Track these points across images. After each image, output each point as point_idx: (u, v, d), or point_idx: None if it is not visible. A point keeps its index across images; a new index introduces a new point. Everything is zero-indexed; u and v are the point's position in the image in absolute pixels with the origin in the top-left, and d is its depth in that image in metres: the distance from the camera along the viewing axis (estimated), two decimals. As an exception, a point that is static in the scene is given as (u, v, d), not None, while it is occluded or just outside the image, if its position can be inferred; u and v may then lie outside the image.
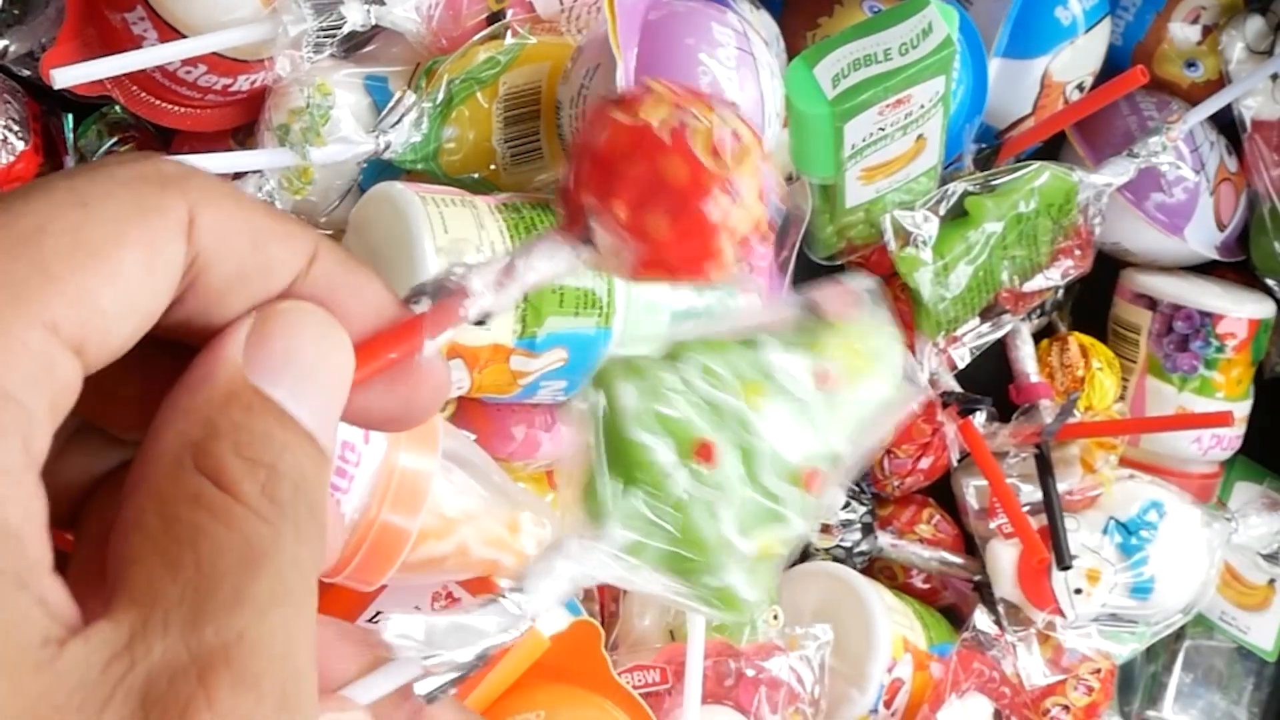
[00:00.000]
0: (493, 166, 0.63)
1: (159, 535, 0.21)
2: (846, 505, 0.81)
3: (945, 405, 0.79)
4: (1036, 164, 0.76)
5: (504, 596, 0.27)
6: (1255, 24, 0.82)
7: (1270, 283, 0.87)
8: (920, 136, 0.70)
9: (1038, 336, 0.85)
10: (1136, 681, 0.92)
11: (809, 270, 0.78)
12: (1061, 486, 0.78)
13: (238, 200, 0.23)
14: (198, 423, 0.22)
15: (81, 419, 0.25)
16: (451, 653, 0.26)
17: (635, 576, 0.27)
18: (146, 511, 0.21)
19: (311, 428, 0.23)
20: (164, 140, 0.70)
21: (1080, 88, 0.82)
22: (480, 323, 0.26)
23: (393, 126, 0.60)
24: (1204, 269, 0.89)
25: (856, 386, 0.29)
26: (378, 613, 0.58)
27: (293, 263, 0.24)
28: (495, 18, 0.64)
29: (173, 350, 0.24)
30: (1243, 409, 0.87)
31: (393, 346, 0.25)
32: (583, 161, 0.27)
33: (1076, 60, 0.81)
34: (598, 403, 0.28)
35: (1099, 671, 0.81)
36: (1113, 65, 0.83)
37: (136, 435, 0.23)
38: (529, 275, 0.27)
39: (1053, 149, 0.86)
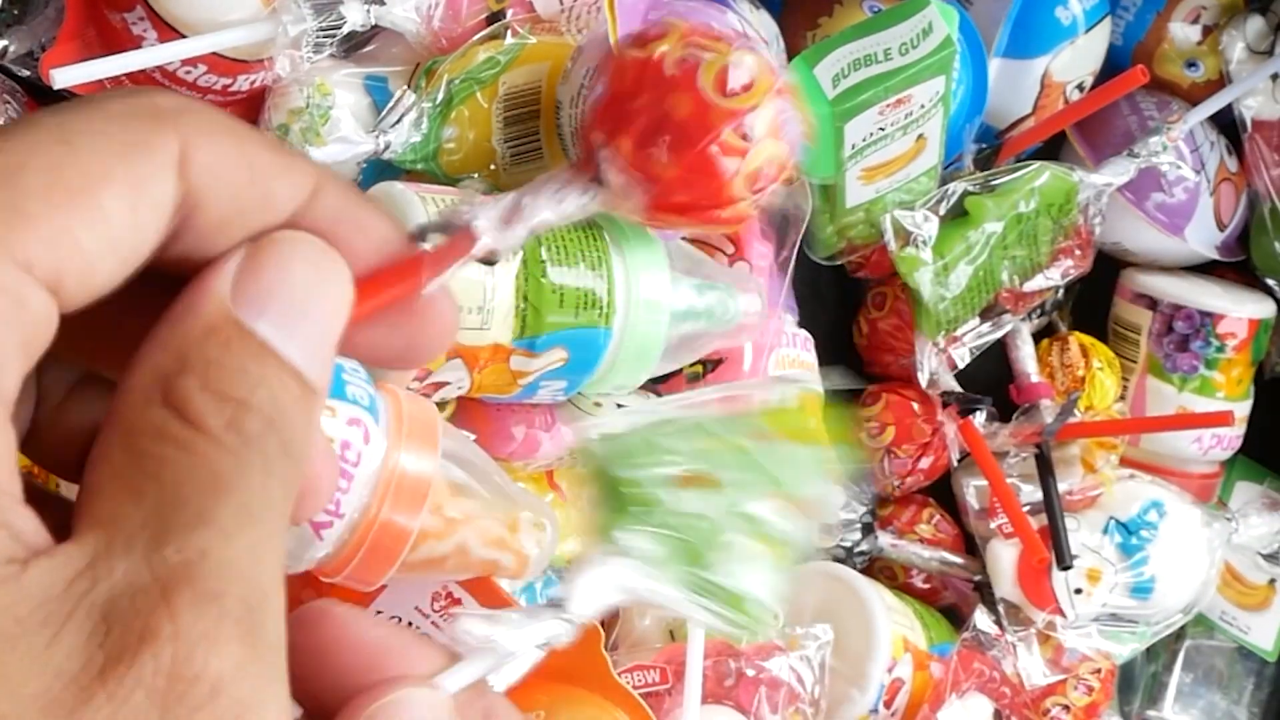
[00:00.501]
0: (493, 166, 0.63)
1: (123, 466, 0.21)
2: (846, 505, 0.81)
3: (945, 405, 0.79)
4: (1037, 164, 0.76)
5: (554, 602, 0.27)
6: (1255, 24, 0.82)
7: (1270, 283, 0.87)
8: (920, 136, 0.70)
9: (1038, 336, 0.85)
10: (1137, 681, 0.92)
11: (809, 270, 0.78)
12: (1062, 486, 0.78)
13: (235, 133, 0.23)
14: (171, 356, 0.22)
15: (84, 367, 0.25)
16: (519, 647, 0.26)
17: (662, 596, 0.27)
18: (113, 444, 0.21)
19: (297, 362, 0.22)
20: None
21: (1080, 88, 0.82)
22: (488, 262, 0.25)
23: (392, 126, 0.60)
24: (1204, 269, 0.89)
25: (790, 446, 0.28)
26: (377, 612, 0.58)
27: (294, 195, 0.24)
28: (495, 18, 0.64)
29: (172, 286, 0.23)
30: (1243, 409, 0.87)
31: (394, 282, 0.25)
32: (595, 99, 0.26)
33: (1077, 60, 0.81)
34: (591, 457, 0.27)
35: (1099, 671, 0.81)
36: (1113, 65, 0.83)
37: None
38: (537, 214, 0.25)
39: (1053, 149, 0.86)
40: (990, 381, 0.82)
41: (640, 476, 0.26)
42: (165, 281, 0.23)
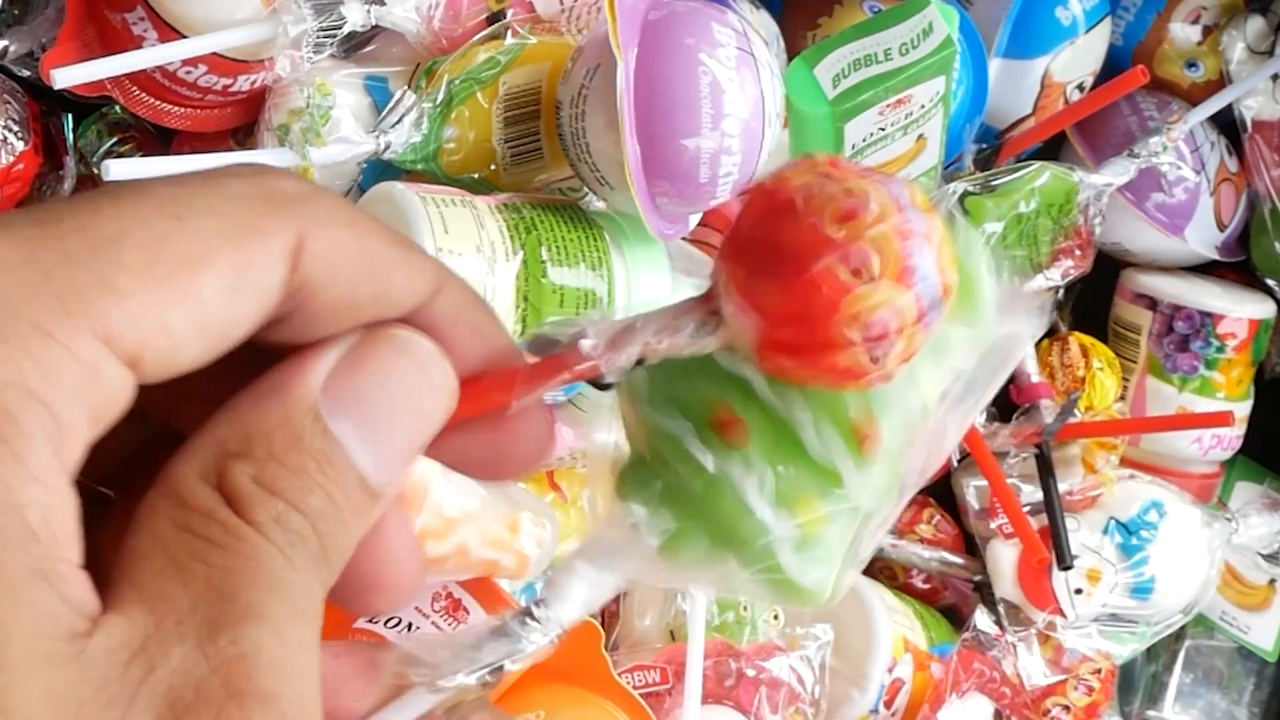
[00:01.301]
0: (493, 166, 0.63)
1: (169, 539, 0.21)
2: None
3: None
4: (1037, 164, 0.76)
5: (525, 611, 0.25)
6: (1256, 24, 0.82)
7: (1270, 283, 0.87)
8: (921, 137, 0.70)
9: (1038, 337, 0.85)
10: (1137, 681, 0.92)
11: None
12: (1062, 486, 0.78)
13: (356, 225, 0.22)
14: (238, 435, 0.21)
15: (167, 425, 0.24)
16: (464, 675, 0.24)
17: (675, 574, 0.25)
18: (161, 513, 0.21)
19: (367, 470, 0.22)
20: (164, 140, 0.70)
21: (1080, 88, 0.82)
22: (599, 386, 0.25)
23: (393, 126, 0.60)
24: (1204, 269, 0.89)
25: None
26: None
27: (413, 292, 0.23)
28: (495, 18, 0.64)
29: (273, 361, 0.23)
30: (1243, 409, 0.87)
31: (488, 394, 0.24)
32: (730, 230, 0.24)
33: (1077, 60, 0.81)
34: (619, 388, 0.25)
35: (1099, 671, 0.81)
36: (1113, 65, 0.83)
37: None
38: (649, 340, 0.24)
39: (1053, 149, 0.86)
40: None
41: (673, 429, 0.25)
42: (268, 357, 0.23)
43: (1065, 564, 0.76)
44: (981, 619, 0.80)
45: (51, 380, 0.19)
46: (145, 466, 0.24)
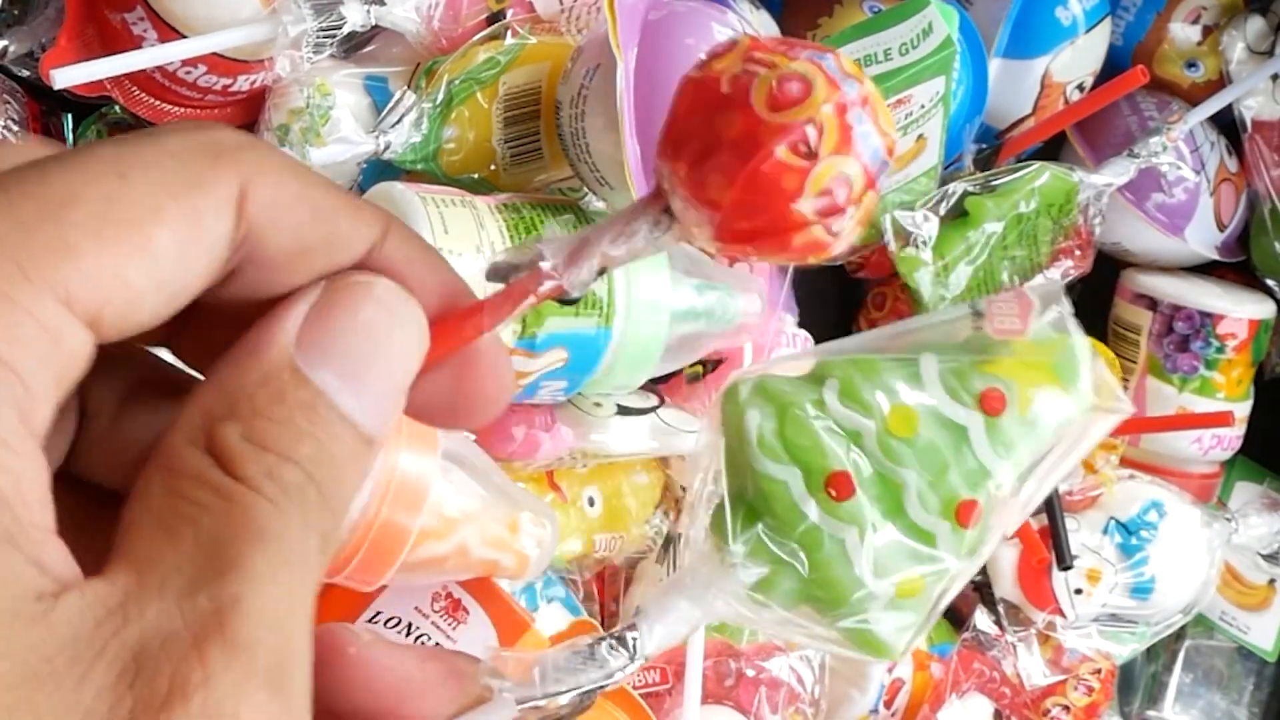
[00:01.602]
0: (493, 166, 0.63)
1: (161, 506, 0.21)
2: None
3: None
4: (1037, 164, 0.76)
5: (617, 636, 0.25)
6: (1256, 24, 0.82)
7: (1270, 283, 0.87)
8: (921, 136, 0.70)
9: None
10: (1137, 681, 0.92)
11: (809, 270, 0.78)
12: (1062, 487, 0.78)
13: (297, 172, 0.23)
14: (222, 400, 0.21)
15: (137, 376, 0.25)
16: (554, 694, 0.24)
17: (763, 616, 0.25)
18: (153, 482, 0.21)
19: (354, 414, 0.22)
20: (164, 140, 0.70)
21: (1080, 88, 0.82)
22: (565, 301, 0.24)
23: (393, 127, 0.60)
24: (1204, 269, 0.89)
25: (1030, 407, 0.26)
26: (377, 613, 0.58)
27: (363, 236, 0.23)
28: (495, 18, 0.64)
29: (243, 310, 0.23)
30: (1243, 409, 0.87)
31: (458, 330, 0.24)
32: (664, 125, 0.24)
33: (1077, 60, 0.81)
34: (723, 424, 0.25)
35: (1099, 671, 0.81)
36: (1113, 65, 0.83)
37: None
38: (607, 250, 0.24)
39: (1053, 149, 0.86)
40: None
41: (778, 474, 0.25)
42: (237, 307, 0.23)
43: (1065, 564, 0.76)
44: (981, 619, 0.80)
45: (15, 346, 0.19)
46: None
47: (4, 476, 0.19)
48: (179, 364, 0.25)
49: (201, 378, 0.23)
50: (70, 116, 0.70)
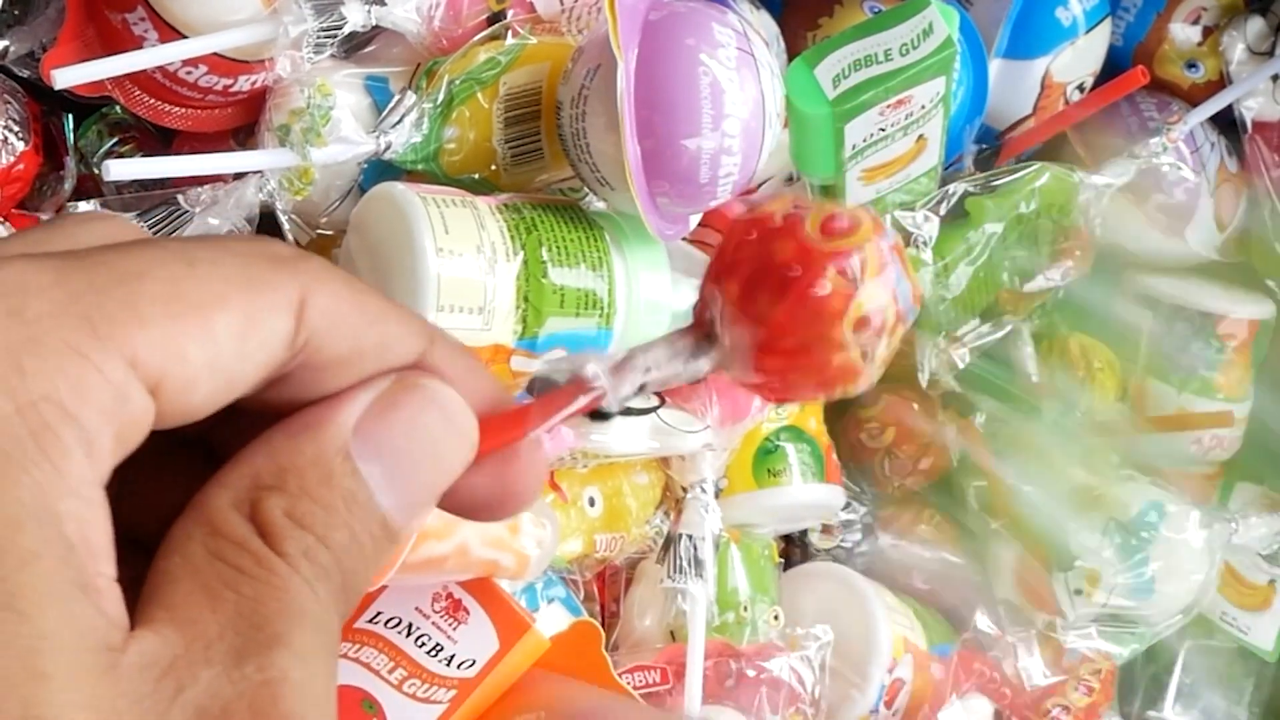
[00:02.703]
0: (493, 167, 0.63)
1: (202, 564, 0.21)
2: (847, 506, 0.81)
3: (945, 406, 0.79)
4: (1037, 165, 0.76)
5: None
6: (1256, 25, 0.82)
7: (1270, 283, 0.87)
8: (921, 137, 0.70)
9: (1038, 337, 0.85)
10: (1137, 682, 0.92)
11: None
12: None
13: (351, 283, 0.24)
14: (271, 468, 0.22)
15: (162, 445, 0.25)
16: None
17: None
18: (194, 536, 0.22)
19: (390, 512, 0.23)
20: (165, 141, 0.70)
21: (1081, 88, 0.82)
22: (603, 417, 0.26)
23: (393, 127, 0.60)
24: (1205, 269, 0.89)
25: None
26: (377, 613, 0.58)
27: (411, 342, 0.24)
28: (496, 18, 0.64)
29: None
30: (1243, 409, 0.87)
31: (500, 433, 0.25)
32: (713, 256, 0.27)
33: (1077, 61, 0.81)
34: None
35: (1099, 672, 0.81)
36: (1113, 66, 0.83)
37: None
38: (649, 370, 0.26)
39: (1053, 149, 0.86)
40: (990, 382, 0.82)
41: None
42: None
43: (1065, 564, 0.76)
44: (981, 619, 0.80)
45: (84, 398, 0.20)
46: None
47: (74, 525, 0.20)
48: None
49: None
50: (71, 117, 0.70)
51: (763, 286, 0.25)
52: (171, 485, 0.24)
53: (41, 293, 0.20)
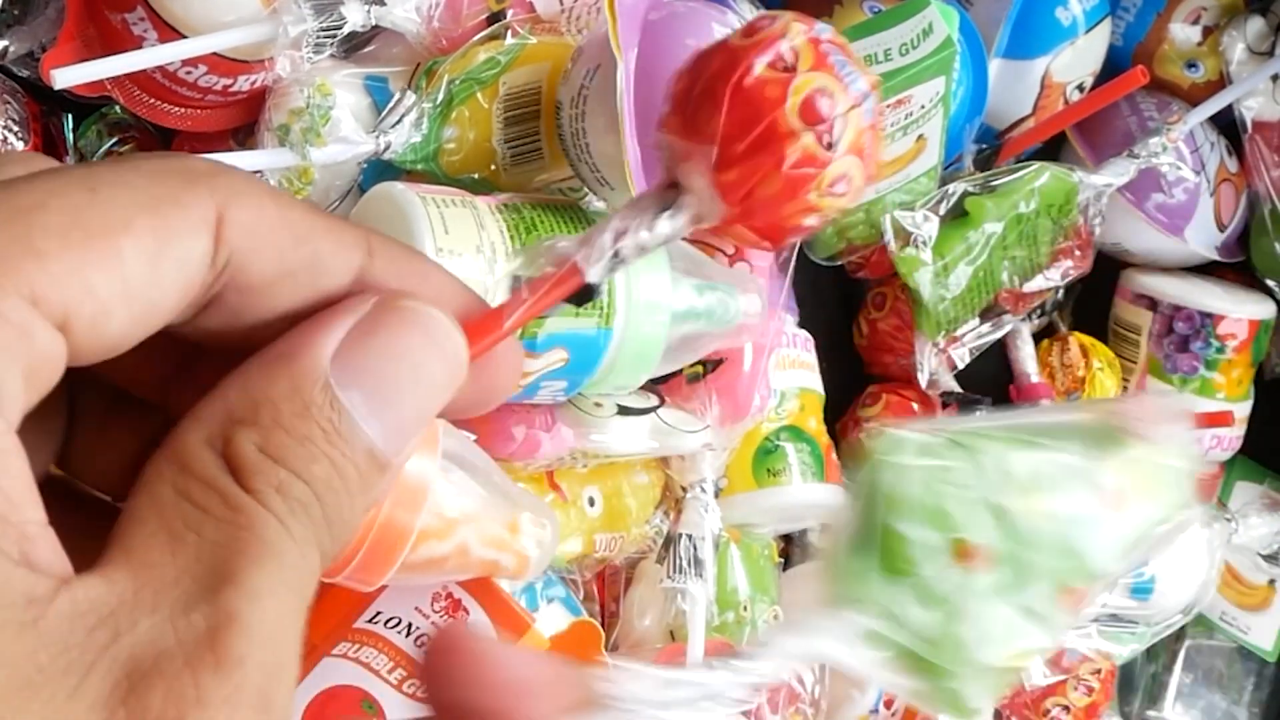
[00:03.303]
0: (493, 167, 0.63)
1: (168, 505, 0.21)
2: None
3: (945, 405, 0.79)
4: (1037, 164, 0.76)
5: (736, 660, 0.25)
6: (1256, 25, 0.82)
7: (1270, 283, 0.87)
8: (921, 137, 0.70)
9: (1038, 337, 0.85)
10: (1137, 681, 0.92)
11: (809, 270, 0.78)
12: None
13: (275, 196, 0.23)
14: (245, 401, 0.21)
15: (117, 389, 0.25)
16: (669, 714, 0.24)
17: (867, 666, 0.26)
18: (163, 475, 0.21)
19: (375, 439, 0.22)
20: (164, 141, 0.70)
21: (1080, 88, 0.82)
22: (582, 298, 0.25)
23: (393, 127, 0.60)
24: (1204, 269, 0.89)
25: (1143, 509, 0.27)
26: (377, 613, 0.58)
27: (347, 256, 0.23)
28: (495, 18, 0.64)
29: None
30: (1243, 409, 0.87)
31: (482, 337, 0.24)
32: (659, 115, 0.25)
33: (1077, 61, 0.81)
34: (873, 473, 0.26)
35: (1099, 672, 0.81)
36: (1113, 66, 0.83)
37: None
38: (621, 235, 0.25)
39: (1053, 149, 0.86)
40: (990, 381, 0.82)
41: (922, 539, 0.25)
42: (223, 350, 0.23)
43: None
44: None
45: None
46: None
47: None
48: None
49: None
50: (70, 116, 0.70)
51: (701, 106, 0.24)
52: (130, 443, 0.24)
53: None
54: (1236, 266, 0.88)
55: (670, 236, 0.25)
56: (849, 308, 0.86)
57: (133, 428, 0.24)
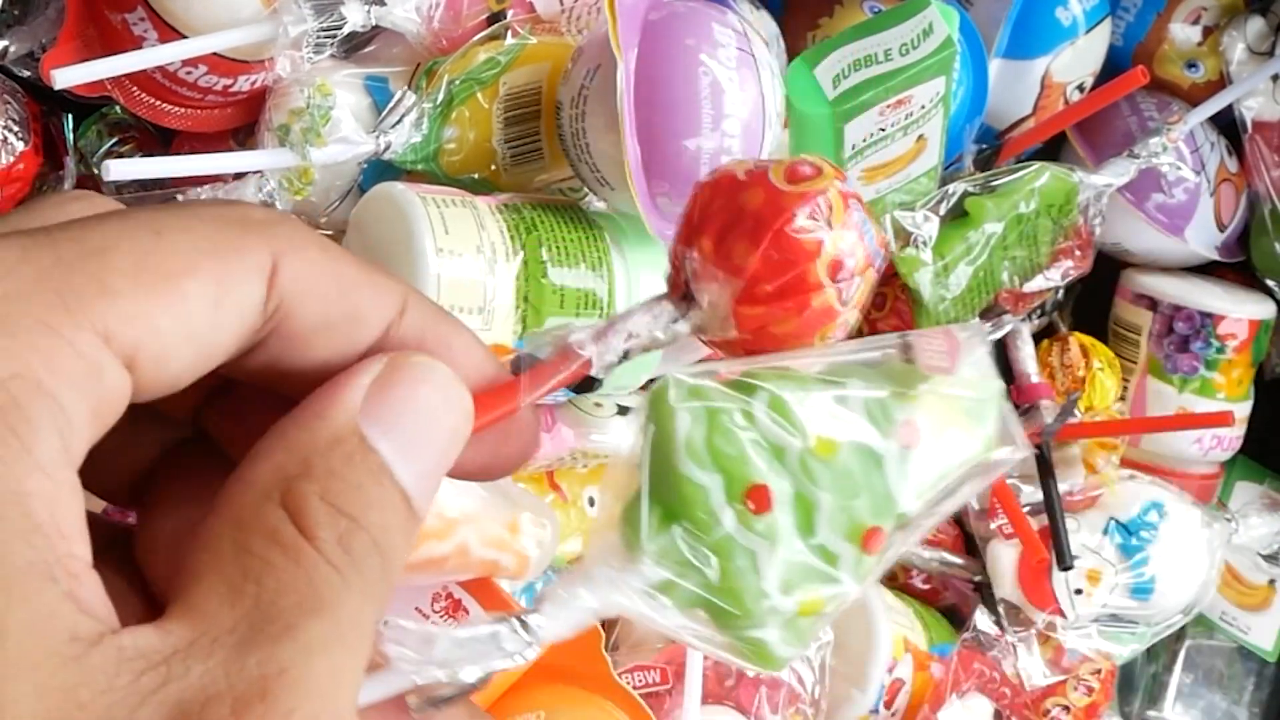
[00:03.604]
0: (493, 167, 0.63)
1: (228, 560, 0.21)
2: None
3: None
4: (1037, 164, 0.76)
5: (519, 619, 0.25)
6: (1256, 25, 0.82)
7: (1270, 283, 0.87)
8: (921, 137, 0.70)
9: (1038, 337, 0.85)
10: (1137, 682, 0.92)
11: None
12: (1062, 486, 0.78)
13: (324, 248, 0.23)
14: (296, 459, 0.22)
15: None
16: (450, 669, 0.24)
17: (661, 616, 0.26)
18: (223, 534, 0.21)
19: (408, 487, 0.22)
20: (165, 141, 0.70)
21: (1081, 88, 0.82)
22: (589, 386, 0.26)
23: (393, 127, 0.60)
24: (1204, 270, 0.89)
25: (941, 444, 0.27)
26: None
27: (383, 311, 0.24)
28: (495, 18, 0.64)
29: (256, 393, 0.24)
30: (1243, 409, 0.87)
31: (492, 406, 0.25)
32: (681, 221, 0.27)
33: (1077, 61, 0.81)
34: (649, 422, 0.26)
35: (1099, 672, 0.81)
36: (1113, 66, 0.83)
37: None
38: (631, 336, 0.26)
39: (1053, 149, 0.86)
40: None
41: (702, 480, 0.25)
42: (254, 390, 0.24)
43: (1065, 564, 0.76)
44: (981, 619, 0.80)
45: (57, 373, 0.20)
46: (161, 485, 0.24)
47: (40, 504, 0.19)
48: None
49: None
50: (70, 116, 0.70)
51: (737, 237, 0.26)
52: (149, 452, 0.24)
53: (8, 271, 0.20)
54: (1236, 266, 0.88)
55: (675, 341, 0.27)
56: (849, 308, 0.86)
57: (154, 438, 0.24)
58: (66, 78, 0.55)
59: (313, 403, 0.23)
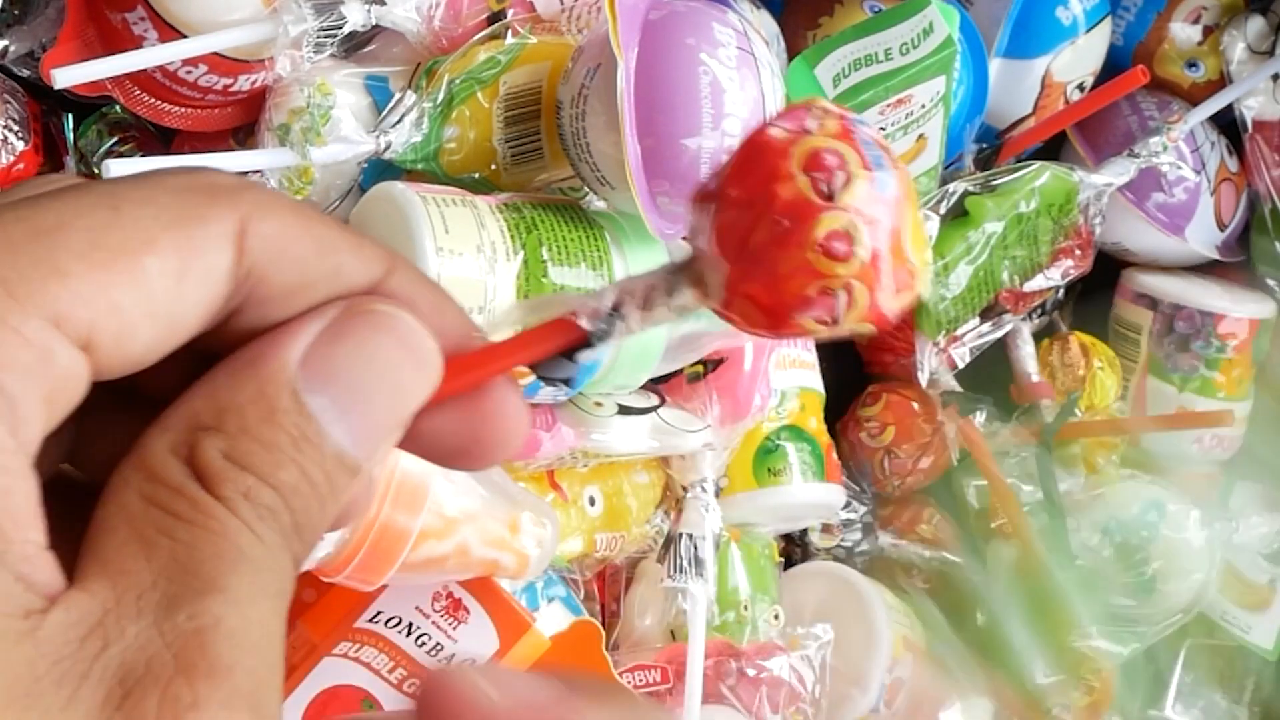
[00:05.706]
0: (493, 166, 0.63)
1: (137, 513, 0.21)
2: (847, 505, 0.81)
3: (945, 405, 0.79)
4: (1037, 164, 0.76)
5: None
6: (1256, 24, 0.82)
7: (1271, 283, 0.87)
8: (921, 136, 0.70)
9: (1038, 336, 0.85)
10: (1137, 682, 0.92)
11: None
12: (1062, 486, 0.78)
13: (298, 209, 0.23)
14: (211, 408, 0.21)
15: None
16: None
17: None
18: (130, 484, 0.21)
19: (343, 444, 0.22)
20: (165, 140, 0.70)
21: (1081, 88, 0.82)
22: (583, 349, 0.25)
23: (393, 126, 0.60)
24: (1205, 269, 0.89)
25: None
26: (378, 612, 0.58)
27: (367, 270, 0.23)
28: (496, 17, 0.64)
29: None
30: (1243, 409, 0.87)
31: (468, 370, 0.24)
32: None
33: (1077, 60, 0.81)
34: None
35: (1099, 672, 0.81)
36: (1114, 65, 0.83)
37: None
38: (627, 297, 0.24)
39: (1053, 149, 0.86)
40: (990, 381, 0.82)
41: None
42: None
43: (1065, 564, 0.76)
44: (982, 619, 0.80)
45: (3, 363, 0.19)
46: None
47: None
48: None
49: None
50: (70, 116, 0.70)
51: (723, 168, 0.24)
52: (137, 434, 0.23)
53: None
54: (1237, 266, 0.88)
55: (678, 305, 0.25)
56: (849, 307, 0.86)
57: (143, 418, 0.24)
58: (66, 77, 0.55)
59: (251, 348, 0.22)
